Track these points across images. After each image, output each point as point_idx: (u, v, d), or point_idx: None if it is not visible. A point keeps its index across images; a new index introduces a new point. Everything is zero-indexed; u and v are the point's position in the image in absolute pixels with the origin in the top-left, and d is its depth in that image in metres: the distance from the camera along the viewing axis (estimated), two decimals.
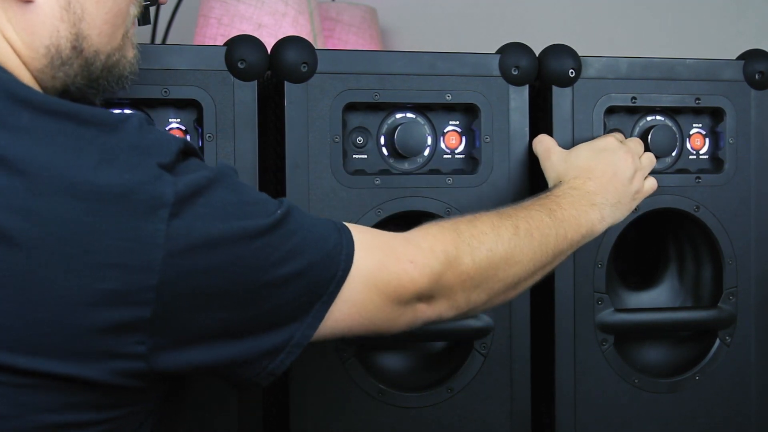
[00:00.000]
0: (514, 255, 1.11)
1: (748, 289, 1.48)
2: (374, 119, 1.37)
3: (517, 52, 1.40)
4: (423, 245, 1.05)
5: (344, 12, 2.48)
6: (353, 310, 1.02)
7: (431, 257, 1.05)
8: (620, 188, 1.28)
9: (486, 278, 1.09)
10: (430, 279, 1.04)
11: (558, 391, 1.43)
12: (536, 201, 1.21)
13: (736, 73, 1.47)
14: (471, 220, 1.12)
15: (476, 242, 1.09)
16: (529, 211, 1.17)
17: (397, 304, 1.04)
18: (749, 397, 1.49)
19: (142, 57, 1.27)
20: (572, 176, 1.27)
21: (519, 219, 1.14)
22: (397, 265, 1.03)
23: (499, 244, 1.10)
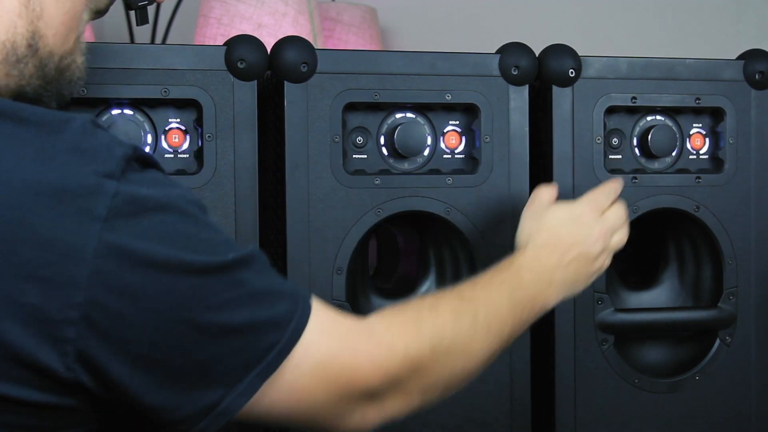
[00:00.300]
0: (472, 348, 1.04)
1: (748, 289, 1.48)
2: (374, 119, 1.37)
3: (517, 52, 1.40)
4: (384, 340, 0.96)
5: (344, 12, 2.48)
6: (294, 395, 0.91)
7: (391, 356, 0.96)
8: (582, 268, 1.21)
9: (444, 375, 1.02)
10: (384, 379, 0.95)
11: (558, 391, 1.43)
12: (499, 276, 1.13)
13: (736, 73, 1.47)
14: (433, 305, 1.03)
15: (438, 336, 1.00)
16: (490, 293, 1.10)
17: (345, 401, 0.94)
18: (749, 397, 1.49)
19: (142, 57, 1.28)
20: (540, 243, 1.19)
21: (479, 304, 1.07)
22: (353, 358, 0.93)
23: (460, 337, 1.03)
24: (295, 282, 1.32)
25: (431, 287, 1.45)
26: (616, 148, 1.45)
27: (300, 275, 1.32)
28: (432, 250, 1.45)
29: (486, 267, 1.38)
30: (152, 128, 1.30)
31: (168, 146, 1.30)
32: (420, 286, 1.46)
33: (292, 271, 1.32)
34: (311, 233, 1.33)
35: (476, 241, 1.38)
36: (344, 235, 1.34)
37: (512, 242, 1.38)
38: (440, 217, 1.37)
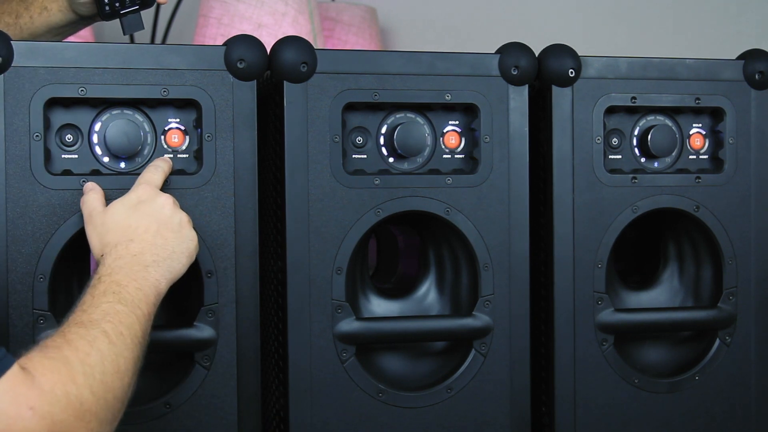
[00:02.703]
0: (120, 365, 1.03)
1: (748, 289, 1.48)
2: (374, 119, 1.37)
3: (517, 52, 1.40)
4: (45, 386, 0.94)
5: (344, 12, 2.48)
6: None
7: (53, 402, 0.93)
8: (170, 238, 1.19)
9: (107, 407, 0.99)
10: (49, 430, 0.93)
11: (558, 391, 1.43)
12: (97, 290, 1.10)
13: (736, 73, 1.47)
14: (67, 341, 1.00)
15: (89, 369, 0.99)
16: (103, 308, 1.07)
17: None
18: (749, 397, 1.49)
19: (142, 57, 1.28)
20: (113, 243, 1.16)
21: (102, 323, 1.05)
22: (13, 409, 0.91)
23: (106, 361, 1.01)
24: (296, 282, 1.32)
25: (431, 287, 1.45)
26: (615, 148, 1.45)
27: (300, 275, 1.32)
28: (432, 250, 1.45)
29: (486, 267, 1.38)
30: (152, 128, 1.30)
31: (167, 146, 1.30)
32: (420, 286, 1.46)
33: (292, 271, 1.32)
34: (311, 233, 1.33)
35: (476, 241, 1.38)
36: (344, 235, 1.34)
37: (512, 242, 1.39)
38: (440, 217, 1.37)
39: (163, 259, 1.17)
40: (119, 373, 1.02)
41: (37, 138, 1.24)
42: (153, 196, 1.21)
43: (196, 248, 1.22)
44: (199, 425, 1.30)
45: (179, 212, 1.21)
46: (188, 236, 1.21)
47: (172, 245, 1.19)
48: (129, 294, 1.10)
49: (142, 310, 1.10)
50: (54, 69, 1.24)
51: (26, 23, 1.44)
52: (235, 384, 1.31)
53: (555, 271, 1.41)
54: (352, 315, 1.35)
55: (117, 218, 1.18)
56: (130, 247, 1.16)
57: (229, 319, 1.30)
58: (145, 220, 1.18)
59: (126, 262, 1.14)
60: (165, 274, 1.16)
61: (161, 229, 1.19)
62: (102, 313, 1.06)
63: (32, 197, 1.23)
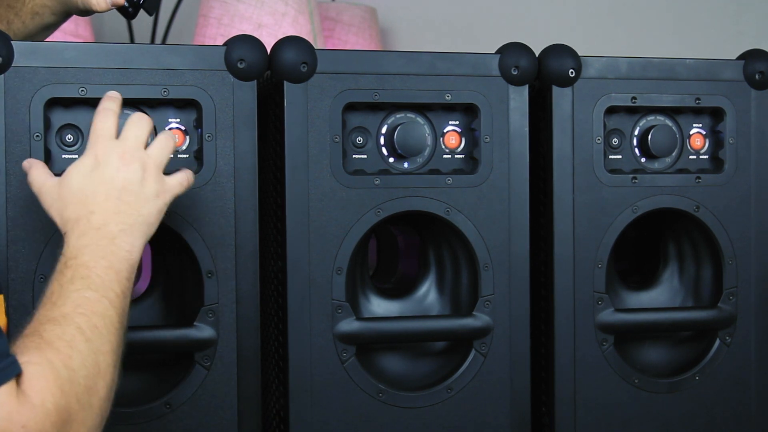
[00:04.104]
0: (101, 363, 0.98)
1: (748, 289, 1.48)
2: (374, 119, 1.37)
3: (517, 52, 1.40)
4: (35, 401, 0.91)
5: (344, 12, 2.48)
6: None
7: (44, 418, 0.91)
8: (133, 202, 1.09)
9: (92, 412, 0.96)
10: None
11: (558, 391, 1.43)
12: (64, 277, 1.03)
13: (736, 73, 1.47)
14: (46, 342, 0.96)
15: (73, 375, 0.95)
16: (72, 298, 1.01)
17: None
18: (749, 397, 1.49)
19: (142, 57, 1.28)
20: (74, 218, 1.07)
21: (74, 317, 0.99)
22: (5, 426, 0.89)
23: (86, 362, 0.97)
24: (297, 282, 1.32)
25: (431, 287, 1.45)
26: (616, 148, 1.45)
27: (300, 275, 1.32)
28: (432, 250, 1.45)
29: (486, 267, 1.38)
30: (152, 128, 1.30)
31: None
32: (420, 286, 1.46)
33: (292, 271, 1.32)
34: (311, 233, 1.33)
35: (476, 241, 1.38)
36: (344, 235, 1.34)
37: (512, 242, 1.39)
38: (440, 217, 1.37)
39: (130, 225, 1.08)
40: (100, 373, 0.98)
41: (37, 138, 1.24)
42: (107, 154, 1.10)
43: (166, 199, 1.12)
44: (199, 425, 1.30)
45: (139, 165, 1.11)
46: (154, 190, 1.11)
47: (137, 208, 1.09)
48: (98, 276, 1.03)
49: (114, 291, 1.03)
50: (54, 69, 1.24)
51: (19, 28, 1.44)
52: (235, 384, 1.31)
53: (555, 271, 1.41)
54: (352, 315, 1.35)
55: (73, 188, 1.09)
56: (92, 219, 1.07)
57: (229, 319, 1.30)
58: (102, 187, 1.08)
59: (90, 238, 1.05)
60: (135, 241, 1.08)
61: (122, 194, 1.08)
62: (73, 304, 1.00)
63: (32, 197, 1.23)
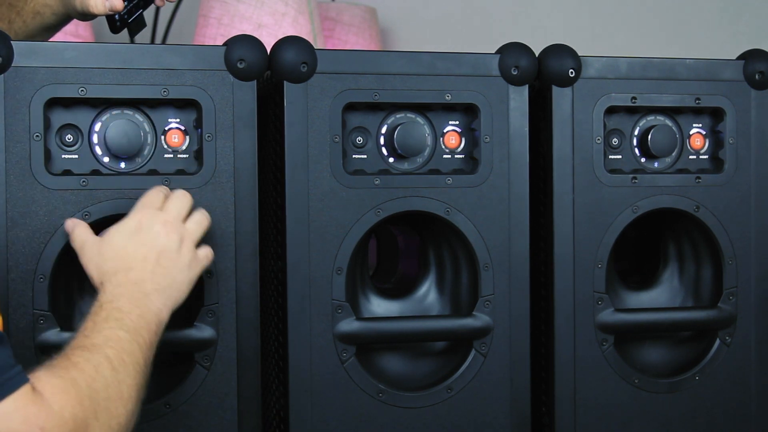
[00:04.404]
0: (123, 392, 1.03)
1: (748, 289, 1.48)
2: (374, 119, 1.37)
3: (517, 52, 1.40)
4: (54, 407, 0.94)
5: (344, 12, 2.48)
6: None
7: (62, 424, 0.94)
8: (170, 267, 1.17)
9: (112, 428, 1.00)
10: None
11: (558, 391, 1.43)
12: (98, 317, 1.09)
13: (736, 73, 1.47)
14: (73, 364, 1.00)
15: (94, 394, 0.99)
16: (105, 333, 1.07)
17: None
18: (749, 397, 1.49)
19: (142, 57, 1.28)
20: (112, 271, 1.15)
21: (104, 348, 1.04)
22: (24, 428, 0.92)
23: (109, 387, 1.01)
24: (296, 282, 1.32)
25: (431, 287, 1.45)
26: (616, 148, 1.45)
27: (300, 275, 1.32)
28: (432, 250, 1.45)
29: (486, 267, 1.38)
30: (152, 128, 1.30)
31: (168, 146, 1.30)
32: (420, 286, 1.46)
33: (292, 271, 1.32)
34: (311, 233, 1.33)
35: (476, 241, 1.38)
36: (344, 235, 1.34)
37: (512, 242, 1.39)
38: (440, 217, 1.37)
39: (164, 288, 1.16)
40: (122, 399, 1.02)
41: (37, 138, 1.24)
42: (150, 221, 1.18)
43: (204, 266, 1.22)
44: (199, 425, 1.30)
45: (177, 236, 1.19)
46: (187, 261, 1.19)
47: (172, 274, 1.17)
48: (131, 321, 1.09)
49: (143, 338, 1.09)
50: (54, 69, 1.24)
51: (20, 27, 1.44)
52: (235, 384, 1.31)
53: (555, 271, 1.41)
54: (352, 315, 1.35)
55: (115, 246, 1.17)
56: (130, 275, 1.14)
57: (229, 319, 1.30)
58: (143, 249, 1.16)
59: (127, 289, 1.13)
60: (166, 302, 1.15)
61: (160, 258, 1.16)
62: (104, 338, 1.06)
63: (32, 197, 1.23)
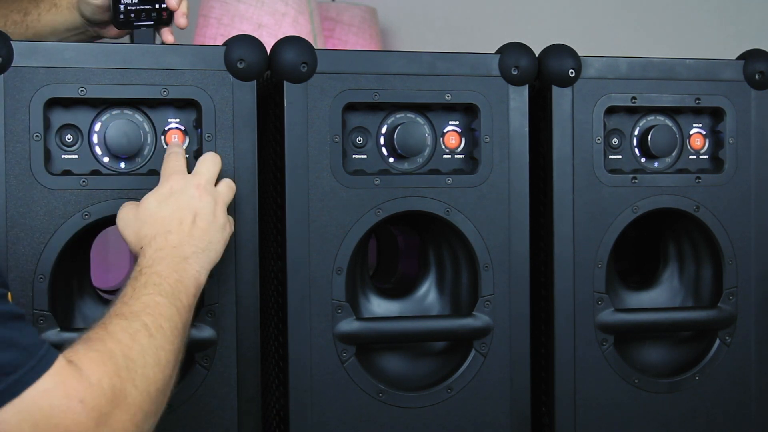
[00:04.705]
0: (161, 358, 1.04)
1: (748, 289, 1.48)
2: (374, 119, 1.37)
3: (517, 52, 1.40)
4: (92, 379, 0.95)
5: (344, 12, 2.48)
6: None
7: (100, 395, 0.94)
8: (206, 229, 1.19)
9: (150, 400, 1.00)
10: (98, 422, 0.93)
11: (558, 391, 1.43)
12: (138, 282, 1.11)
13: (736, 73, 1.47)
14: (111, 334, 1.01)
15: (131, 363, 0.99)
16: (143, 300, 1.08)
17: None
18: (749, 397, 1.49)
19: (142, 57, 1.28)
20: (151, 235, 1.16)
21: (142, 315, 1.05)
22: (64, 402, 0.92)
23: (147, 355, 1.02)
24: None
25: (431, 287, 1.45)
26: (616, 148, 1.45)
27: (300, 275, 1.32)
28: (432, 250, 1.45)
29: (486, 267, 1.39)
30: (152, 128, 1.30)
31: (168, 146, 1.30)
32: (420, 286, 1.46)
33: (292, 271, 1.32)
34: (311, 233, 1.33)
35: (476, 241, 1.38)
36: (344, 235, 1.34)
37: (512, 242, 1.39)
38: (440, 217, 1.37)
39: (202, 250, 1.17)
40: (160, 365, 1.03)
41: (37, 138, 1.24)
42: (184, 185, 1.20)
43: (231, 232, 1.24)
44: (199, 425, 1.30)
45: (211, 198, 1.21)
46: (221, 223, 1.21)
47: (209, 235, 1.19)
48: (169, 286, 1.11)
49: (182, 302, 1.11)
50: (54, 69, 1.24)
51: (33, 20, 1.44)
52: (235, 384, 1.31)
53: (555, 271, 1.41)
54: (352, 315, 1.35)
55: (151, 211, 1.18)
56: (169, 238, 1.16)
57: (229, 319, 1.30)
58: (179, 213, 1.18)
59: (167, 253, 1.14)
60: (204, 264, 1.17)
61: (197, 219, 1.18)
62: (142, 305, 1.07)
63: (32, 197, 1.23)
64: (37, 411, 0.91)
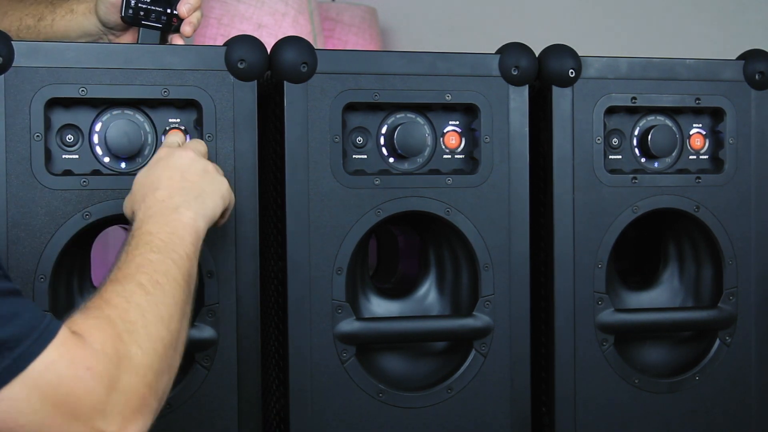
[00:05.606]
0: (162, 313, 1.01)
1: (748, 289, 1.48)
2: (374, 119, 1.37)
3: (517, 52, 1.40)
4: (96, 345, 0.93)
5: (344, 12, 2.48)
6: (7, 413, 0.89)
7: (106, 361, 0.93)
8: (196, 180, 1.17)
9: (158, 357, 0.98)
10: (108, 388, 0.92)
11: (558, 391, 1.43)
12: (130, 246, 1.09)
13: (736, 73, 1.47)
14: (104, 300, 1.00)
15: (130, 325, 0.98)
16: (137, 261, 1.06)
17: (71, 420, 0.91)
18: (749, 397, 1.49)
19: (142, 57, 1.28)
20: (140, 198, 1.16)
21: (136, 275, 1.03)
22: (72, 371, 0.91)
23: (146, 313, 1.00)
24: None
25: (431, 287, 1.45)
26: (616, 148, 1.45)
27: (300, 275, 1.32)
28: (432, 250, 1.45)
29: (486, 267, 1.39)
30: (152, 128, 1.30)
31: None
32: (420, 286, 1.46)
33: (292, 271, 1.32)
34: (311, 233, 1.33)
35: (476, 241, 1.38)
36: (344, 235, 1.34)
37: (512, 242, 1.39)
38: (440, 217, 1.37)
39: (194, 197, 1.15)
40: (162, 321, 1.01)
41: (37, 138, 1.24)
42: (170, 152, 1.20)
43: (229, 191, 1.21)
44: (199, 425, 1.30)
45: (202, 160, 1.20)
46: (216, 179, 1.20)
47: (200, 185, 1.17)
48: (161, 241, 1.09)
49: (178, 253, 1.08)
50: (54, 69, 1.24)
51: (46, 26, 1.44)
52: (235, 384, 1.31)
53: (555, 271, 1.41)
54: (353, 315, 1.35)
55: (139, 179, 1.18)
56: (157, 194, 1.14)
57: (229, 319, 1.30)
58: (167, 171, 1.17)
59: (156, 210, 1.13)
60: (198, 211, 1.15)
61: (185, 173, 1.17)
62: (136, 266, 1.05)
63: (33, 197, 1.23)
64: (45, 383, 0.90)
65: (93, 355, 0.93)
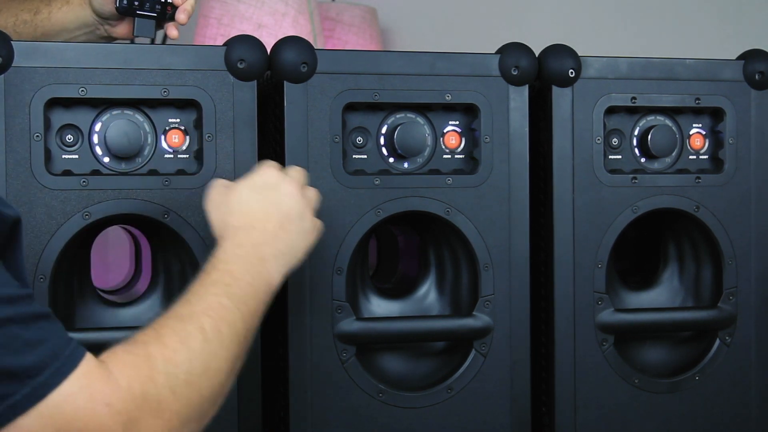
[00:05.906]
0: (212, 365, 0.98)
1: (748, 289, 1.48)
2: (374, 119, 1.37)
3: (517, 52, 1.40)
4: (122, 382, 0.90)
5: (344, 12, 2.48)
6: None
7: (129, 399, 0.89)
8: (291, 231, 1.15)
9: (190, 406, 0.95)
10: (126, 427, 0.89)
11: (558, 391, 1.43)
12: (209, 278, 1.06)
13: (736, 73, 1.47)
14: (158, 337, 0.96)
15: (171, 367, 0.94)
16: (208, 301, 1.02)
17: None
18: (749, 397, 1.49)
19: (142, 57, 1.28)
20: (234, 228, 1.13)
21: (201, 318, 1.00)
22: (90, 405, 0.88)
23: (194, 360, 0.96)
24: None
25: (431, 287, 1.45)
26: (616, 148, 1.45)
27: (300, 275, 1.32)
28: (432, 250, 1.45)
29: (486, 267, 1.39)
30: (152, 128, 1.30)
31: (168, 146, 1.30)
32: (420, 286, 1.46)
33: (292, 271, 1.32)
34: None
35: (476, 241, 1.38)
36: (344, 235, 1.34)
37: (512, 242, 1.39)
38: (440, 217, 1.37)
39: (282, 253, 1.13)
40: (208, 372, 0.97)
41: (37, 138, 1.24)
42: (278, 181, 1.17)
43: (317, 239, 1.19)
44: None
45: (302, 201, 1.17)
46: (308, 228, 1.17)
47: (292, 239, 1.15)
48: (239, 288, 1.06)
49: (248, 307, 1.05)
50: (54, 69, 1.24)
51: (43, 19, 1.43)
52: (235, 384, 1.31)
53: (555, 271, 1.41)
54: (353, 315, 1.35)
55: (241, 200, 1.15)
56: (252, 234, 1.12)
57: None
58: (269, 208, 1.14)
59: (245, 251, 1.10)
60: (281, 268, 1.13)
61: (284, 220, 1.14)
62: (205, 305, 1.02)
63: (32, 197, 1.23)
64: (60, 416, 0.87)
65: (115, 392, 0.89)
